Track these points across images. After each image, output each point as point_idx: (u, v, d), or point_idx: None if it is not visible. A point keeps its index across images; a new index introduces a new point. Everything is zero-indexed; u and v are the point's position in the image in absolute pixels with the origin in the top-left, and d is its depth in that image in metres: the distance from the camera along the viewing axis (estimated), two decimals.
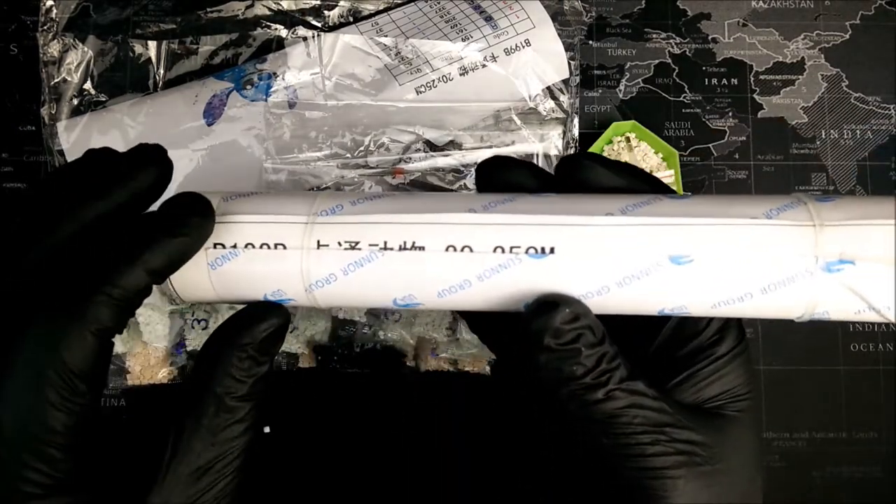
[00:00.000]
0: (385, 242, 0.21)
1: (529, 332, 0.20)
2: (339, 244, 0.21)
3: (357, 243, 0.21)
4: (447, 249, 0.21)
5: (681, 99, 0.48)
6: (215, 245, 0.21)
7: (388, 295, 0.21)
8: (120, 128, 0.43)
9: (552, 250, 0.20)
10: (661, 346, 0.23)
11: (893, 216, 0.20)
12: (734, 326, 0.23)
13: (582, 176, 0.23)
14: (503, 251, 0.20)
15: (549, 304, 0.20)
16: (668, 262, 0.20)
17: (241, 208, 0.22)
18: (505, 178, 0.23)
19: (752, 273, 0.20)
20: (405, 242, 0.21)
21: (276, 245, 0.21)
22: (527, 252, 0.20)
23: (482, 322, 0.27)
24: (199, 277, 0.22)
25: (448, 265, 0.21)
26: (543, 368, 0.20)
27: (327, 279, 0.21)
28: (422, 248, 0.21)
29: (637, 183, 0.23)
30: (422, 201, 0.22)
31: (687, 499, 0.21)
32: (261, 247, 0.21)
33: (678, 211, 0.20)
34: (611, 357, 0.21)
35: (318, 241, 0.21)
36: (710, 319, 0.22)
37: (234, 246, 0.21)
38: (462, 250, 0.20)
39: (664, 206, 0.21)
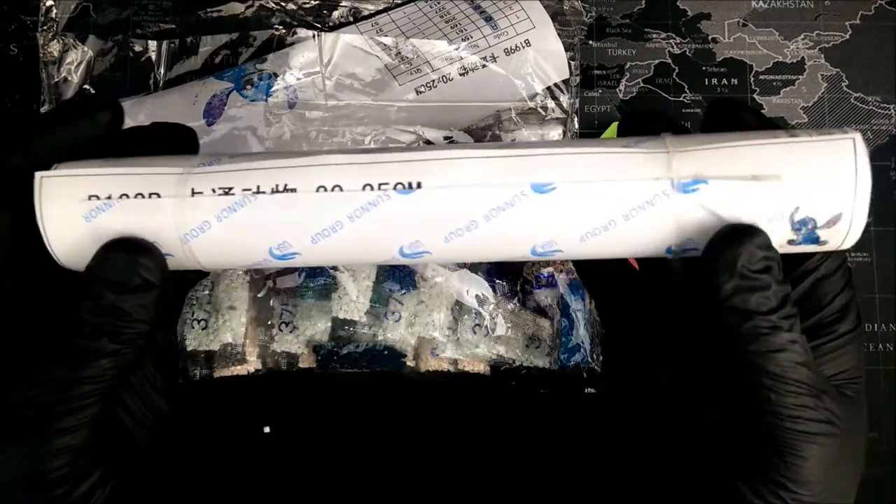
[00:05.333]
0: (258, 186, 0.21)
1: (718, 258, 0.20)
2: (214, 191, 0.21)
3: (230, 189, 0.21)
4: (318, 190, 0.21)
5: (681, 99, 0.48)
6: (90, 197, 0.21)
7: (264, 244, 0.21)
8: None
9: (419, 185, 0.20)
10: None
11: (738, 139, 0.20)
12: (854, 307, 0.23)
13: (738, 118, 0.23)
14: (372, 188, 0.21)
15: (739, 230, 0.20)
16: (531, 190, 0.20)
17: (118, 162, 0.22)
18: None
19: (612, 199, 0.20)
20: (277, 185, 0.21)
21: (150, 194, 0.21)
22: (395, 188, 0.20)
23: (596, 273, 0.26)
24: (74, 233, 0.21)
25: (319, 206, 0.21)
26: (730, 297, 0.20)
27: (201, 227, 0.21)
28: (293, 190, 0.21)
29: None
30: (297, 152, 0.22)
31: (821, 466, 0.21)
32: (135, 197, 0.21)
33: (541, 144, 0.21)
34: (793, 302, 0.20)
35: (193, 189, 0.21)
36: (835, 296, 0.22)
37: (109, 197, 0.21)
38: (332, 190, 0.21)
39: (529, 143, 0.21)
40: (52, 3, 0.45)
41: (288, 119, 0.43)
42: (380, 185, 0.20)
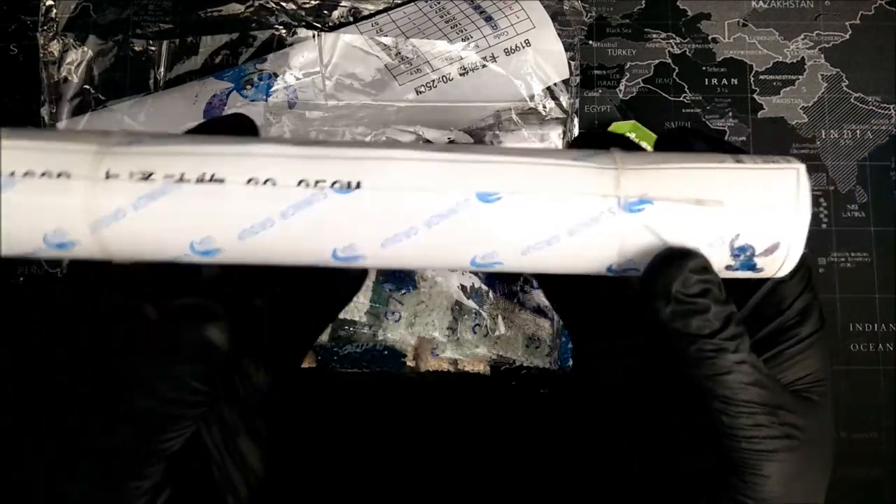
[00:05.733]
0: (182, 174, 0.19)
1: (655, 283, 0.19)
2: (131, 175, 0.19)
3: (151, 174, 0.19)
4: (248, 182, 0.19)
5: (681, 99, 0.48)
6: None
7: (185, 238, 0.19)
8: (120, 128, 0.43)
9: (358, 185, 0.19)
10: (745, 322, 0.22)
11: (686, 161, 0.20)
12: (815, 308, 0.22)
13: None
14: (307, 185, 0.19)
15: (676, 254, 0.19)
16: (476, 198, 0.19)
17: (25, 135, 0.19)
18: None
19: (558, 213, 0.20)
20: (204, 174, 0.19)
21: (58, 174, 0.18)
22: (332, 186, 0.19)
23: (559, 287, 0.26)
24: None
25: (249, 200, 0.19)
26: (669, 323, 0.20)
27: (115, 215, 0.19)
28: (221, 181, 0.19)
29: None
30: (229, 138, 0.20)
31: (782, 481, 0.20)
32: (41, 175, 0.18)
33: (490, 151, 0.20)
34: (738, 320, 0.20)
35: (108, 172, 0.19)
36: (794, 300, 0.22)
37: (12, 174, 0.18)
38: (264, 183, 0.19)
39: (478, 148, 0.20)
40: (52, 3, 0.45)
41: (288, 119, 0.43)
42: (316, 181, 0.19)
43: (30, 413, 0.20)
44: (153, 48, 0.45)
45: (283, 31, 0.46)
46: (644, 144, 0.46)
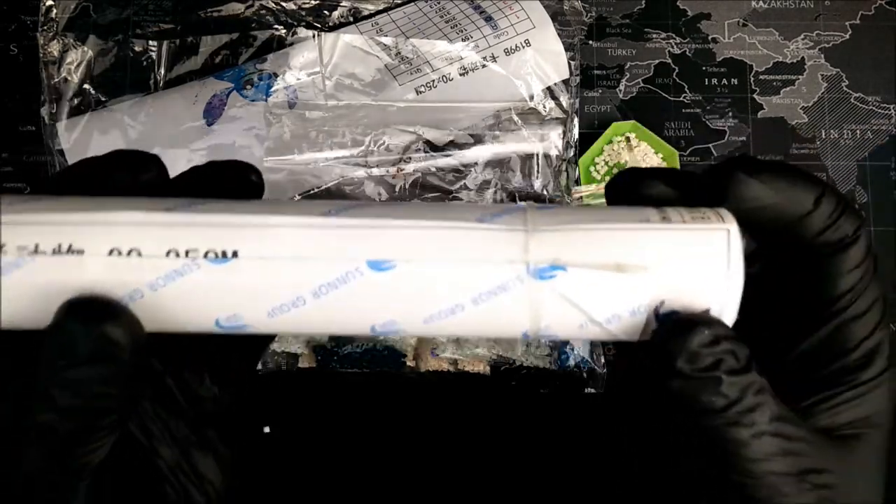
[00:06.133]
0: (37, 245, 0.18)
1: (661, 354, 0.18)
2: None
3: (3, 245, 0.18)
4: (111, 253, 0.18)
5: (681, 99, 0.48)
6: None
7: (48, 308, 0.18)
8: (120, 128, 0.43)
9: (235, 254, 0.18)
10: (802, 358, 0.20)
11: (604, 220, 0.19)
12: (884, 349, 0.20)
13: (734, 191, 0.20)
14: (177, 255, 0.18)
15: (685, 323, 0.18)
16: (368, 267, 0.18)
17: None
18: (643, 193, 0.21)
19: (460, 281, 0.18)
20: (60, 245, 0.18)
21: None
22: (205, 256, 0.18)
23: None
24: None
25: (112, 272, 0.18)
26: (678, 397, 0.18)
27: None
28: (80, 252, 0.18)
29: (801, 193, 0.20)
30: (86, 201, 0.19)
31: None
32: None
33: (381, 213, 0.19)
34: (757, 388, 0.18)
35: None
36: (863, 340, 0.20)
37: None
38: (129, 254, 0.18)
39: (367, 210, 0.19)
40: (52, 3, 0.45)
41: (288, 119, 0.43)
42: (187, 251, 0.18)
43: None
44: (153, 48, 0.45)
45: (283, 31, 0.46)
46: (644, 144, 0.46)
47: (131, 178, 0.20)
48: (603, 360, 0.43)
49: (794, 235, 0.20)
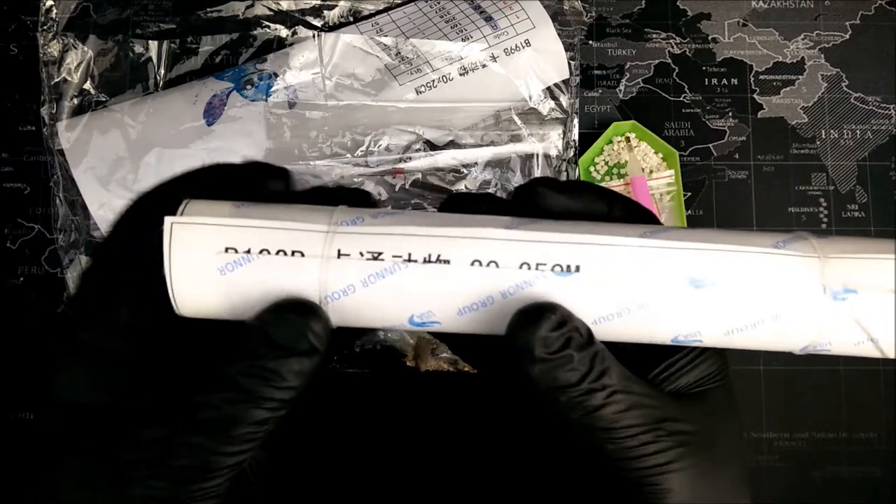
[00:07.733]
0: (409, 254, 0.20)
1: (518, 345, 0.20)
2: (362, 254, 0.20)
3: (380, 254, 0.20)
4: (473, 264, 0.20)
5: (681, 99, 0.48)
6: (227, 249, 0.20)
7: (406, 311, 0.21)
8: (120, 127, 0.43)
9: (577, 268, 0.20)
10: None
11: (893, 252, 0.21)
12: None
13: (539, 202, 0.23)
14: (529, 267, 0.20)
15: (532, 314, 0.20)
16: (688, 285, 0.20)
17: (255, 213, 0.21)
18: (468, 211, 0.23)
19: (765, 299, 0.20)
20: (430, 255, 0.20)
21: (293, 252, 0.20)
22: (552, 269, 0.20)
23: (465, 343, 0.26)
24: (205, 285, 0.20)
25: (472, 280, 0.20)
26: (538, 381, 0.20)
27: (345, 290, 0.20)
28: (447, 262, 0.20)
29: (595, 201, 0.23)
30: (446, 217, 0.21)
31: (686, 488, 0.21)
32: (277, 253, 0.20)
33: (696, 237, 0.21)
34: (602, 356, 0.20)
35: (339, 251, 0.20)
36: None
37: (248, 251, 0.20)
38: (488, 265, 0.20)
39: (681, 234, 0.21)
40: (52, 3, 0.45)
41: (288, 119, 0.43)
42: (538, 265, 0.20)
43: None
44: (153, 48, 0.45)
45: (284, 31, 0.46)
46: (644, 144, 0.46)
47: (279, 187, 0.23)
48: None
49: None
